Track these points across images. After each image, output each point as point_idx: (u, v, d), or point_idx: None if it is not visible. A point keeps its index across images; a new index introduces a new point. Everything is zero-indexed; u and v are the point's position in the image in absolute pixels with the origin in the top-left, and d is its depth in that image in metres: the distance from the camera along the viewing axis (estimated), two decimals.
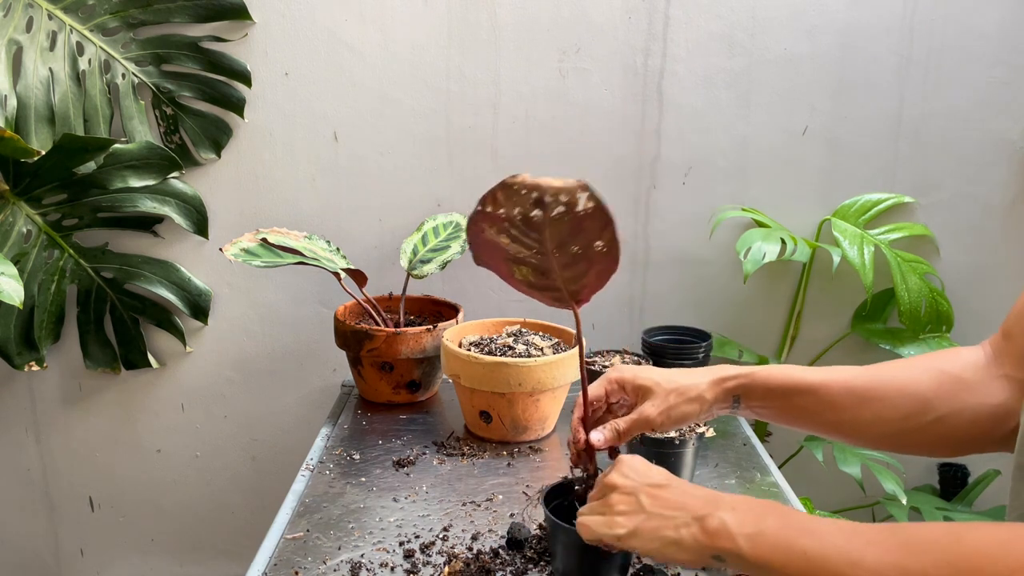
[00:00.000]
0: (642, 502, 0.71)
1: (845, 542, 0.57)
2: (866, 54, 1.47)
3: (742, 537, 0.63)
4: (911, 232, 1.50)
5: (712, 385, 0.84)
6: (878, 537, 0.56)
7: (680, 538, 0.67)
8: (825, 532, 0.59)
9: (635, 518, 0.70)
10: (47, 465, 1.73)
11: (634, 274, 1.59)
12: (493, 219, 0.69)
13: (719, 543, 0.64)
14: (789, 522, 0.62)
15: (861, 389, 0.79)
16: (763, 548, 0.61)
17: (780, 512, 0.64)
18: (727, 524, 0.64)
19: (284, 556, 0.94)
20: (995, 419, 0.75)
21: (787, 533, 0.61)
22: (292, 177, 1.55)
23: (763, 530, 0.62)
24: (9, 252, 1.48)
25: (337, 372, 1.65)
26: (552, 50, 1.48)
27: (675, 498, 0.70)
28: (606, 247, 0.72)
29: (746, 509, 0.65)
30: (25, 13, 1.42)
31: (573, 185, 0.68)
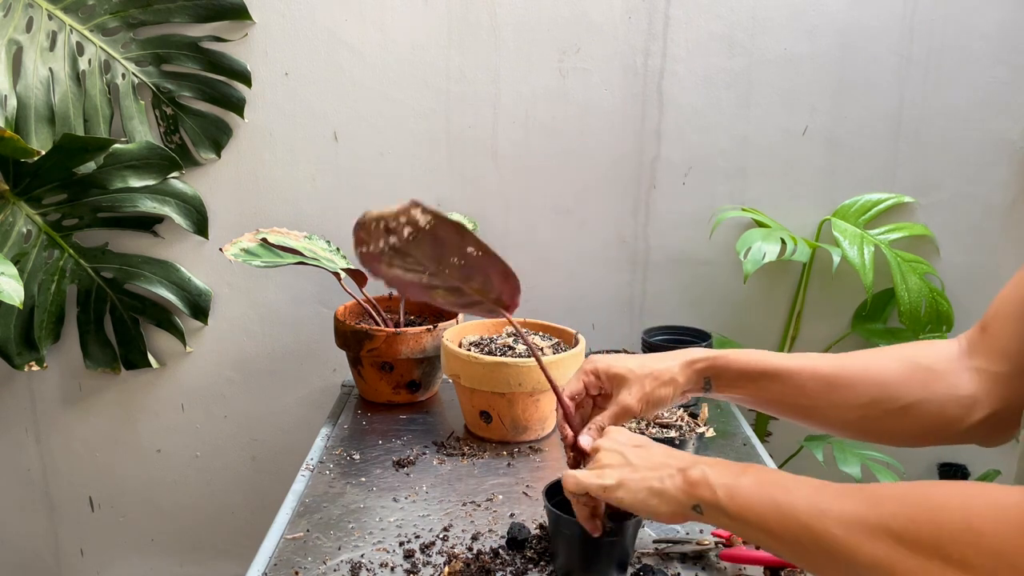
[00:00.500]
0: (628, 456, 0.75)
1: (814, 494, 0.60)
2: (866, 54, 1.47)
3: (720, 487, 0.66)
4: (911, 232, 1.50)
5: (683, 367, 0.87)
6: (845, 491, 0.59)
7: (664, 488, 0.70)
8: (796, 486, 0.62)
9: (622, 470, 0.74)
10: (47, 465, 1.73)
11: (634, 274, 1.59)
12: (374, 257, 0.74)
13: (699, 492, 0.68)
14: (764, 478, 0.65)
15: (829, 375, 0.82)
16: (739, 499, 0.65)
17: (756, 469, 0.67)
18: (707, 475, 0.68)
19: (284, 556, 0.94)
20: (962, 409, 0.77)
21: (762, 487, 0.64)
22: (292, 177, 1.55)
23: (740, 483, 0.66)
24: (9, 252, 1.48)
25: (337, 372, 1.65)
26: (552, 50, 1.48)
27: (659, 453, 0.74)
28: (479, 250, 0.75)
29: (726, 465, 0.69)
30: (25, 13, 1.42)
31: (406, 205, 0.72)
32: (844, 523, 0.57)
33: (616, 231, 1.57)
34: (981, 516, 0.51)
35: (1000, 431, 0.77)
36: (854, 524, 0.56)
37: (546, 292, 1.59)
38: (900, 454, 1.53)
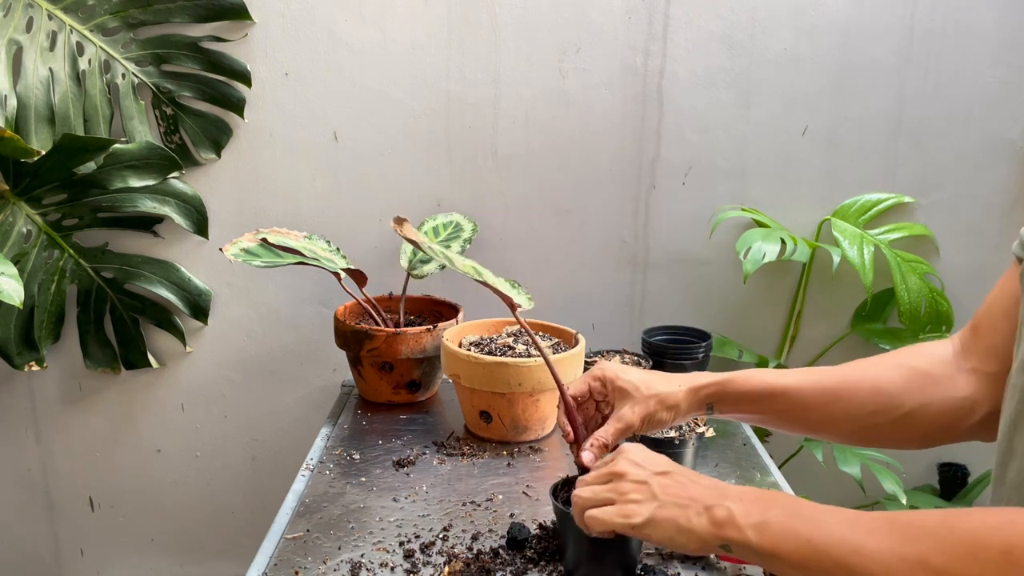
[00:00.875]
0: (654, 491, 0.73)
1: (848, 530, 0.60)
2: (866, 54, 1.47)
3: (749, 528, 0.65)
4: (911, 232, 1.50)
5: (688, 394, 0.87)
6: (877, 525, 0.59)
7: (692, 527, 0.69)
8: (828, 522, 0.62)
9: (649, 506, 0.72)
10: (47, 465, 1.73)
11: (634, 274, 1.59)
12: None
13: (726, 532, 0.66)
14: (793, 512, 0.64)
15: (831, 388, 0.82)
16: (769, 537, 0.64)
17: (784, 502, 0.66)
18: (734, 514, 0.66)
19: (284, 556, 0.94)
20: (962, 411, 0.78)
21: (791, 523, 0.63)
22: (292, 177, 1.55)
23: (768, 520, 0.64)
24: (9, 252, 1.48)
25: (337, 372, 1.65)
26: (552, 50, 1.48)
27: (684, 486, 0.72)
28: None
29: (752, 499, 0.67)
30: (25, 13, 1.42)
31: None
32: (881, 561, 0.57)
33: (616, 231, 1.57)
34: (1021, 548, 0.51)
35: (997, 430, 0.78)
36: (891, 562, 0.56)
37: (546, 292, 1.59)
38: (900, 455, 1.53)
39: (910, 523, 0.58)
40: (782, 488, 1.12)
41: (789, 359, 1.60)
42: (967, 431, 0.79)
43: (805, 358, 1.61)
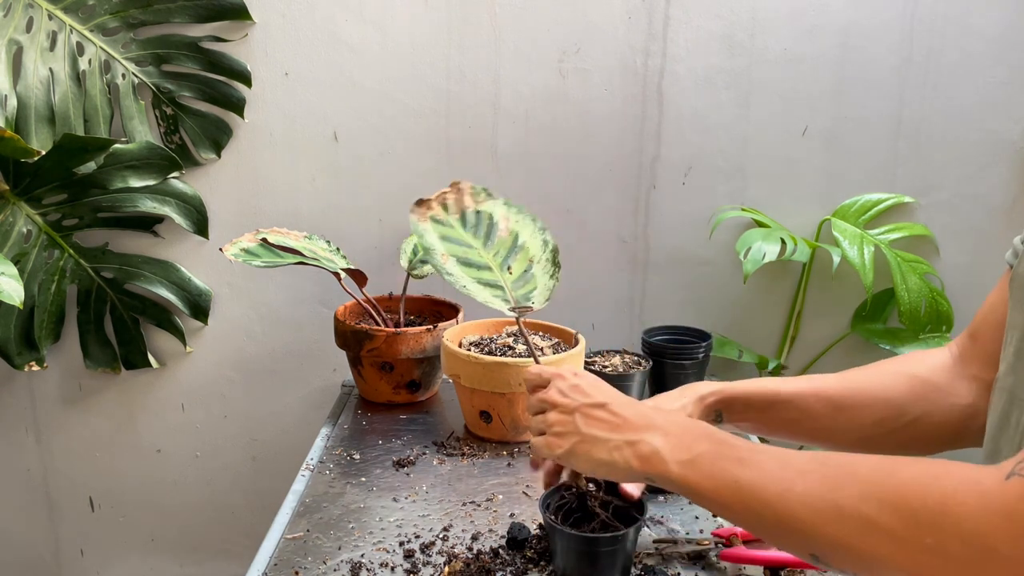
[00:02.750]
0: (577, 423, 0.72)
1: (777, 470, 0.58)
2: (866, 54, 1.47)
3: (674, 463, 0.64)
4: (911, 232, 1.50)
5: (695, 403, 0.86)
6: (809, 467, 0.57)
7: (613, 460, 0.68)
8: (757, 461, 0.60)
9: (570, 439, 0.72)
10: (47, 465, 1.73)
11: (634, 274, 1.59)
12: None
13: (650, 468, 0.66)
14: (722, 450, 0.63)
15: (837, 398, 0.82)
16: (694, 475, 0.63)
17: (714, 439, 0.65)
18: (659, 450, 0.66)
19: (284, 556, 0.94)
20: (965, 418, 0.78)
21: (719, 462, 0.62)
22: (292, 177, 1.55)
23: (695, 457, 0.63)
24: (9, 252, 1.48)
25: (337, 372, 1.65)
26: (552, 50, 1.48)
27: (609, 419, 0.71)
28: None
29: (678, 433, 0.66)
30: (25, 13, 1.42)
31: None
32: (809, 504, 0.55)
33: (616, 231, 1.57)
34: (959, 500, 0.49)
35: None
36: (820, 506, 0.54)
37: None
38: None
39: (842, 466, 0.56)
40: None
41: (789, 359, 1.60)
42: (970, 437, 0.79)
43: (805, 358, 1.61)
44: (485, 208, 0.95)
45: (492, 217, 0.94)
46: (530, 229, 0.96)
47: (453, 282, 0.88)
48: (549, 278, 0.94)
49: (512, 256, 0.93)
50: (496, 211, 0.95)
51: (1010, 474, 0.48)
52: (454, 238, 0.92)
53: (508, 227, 0.94)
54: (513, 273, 0.92)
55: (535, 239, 0.95)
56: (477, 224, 0.94)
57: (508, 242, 0.94)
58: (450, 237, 0.92)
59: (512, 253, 0.93)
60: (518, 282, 0.92)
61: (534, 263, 0.93)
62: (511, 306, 0.89)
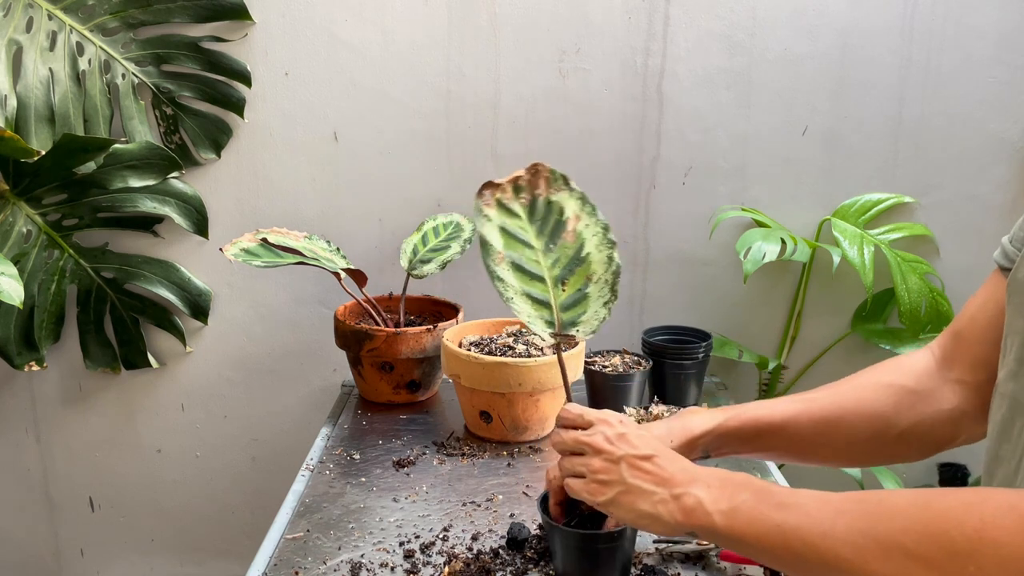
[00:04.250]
0: (623, 473, 0.72)
1: (817, 513, 0.59)
2: (866, 54, 1.47)
3: (717, 514, 0.65)
4: (911, 232, 1.50)
5: (683, 446, 0.84)
6: (847, 506, 0.58)
7: (657, 513, 0.68)
8: (796, 504, 0.61)
9: (615, 488, 0.72)
10: (47, 465, 1.73)
11: (634, 274, 1.59)
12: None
13: (694, 520, 0.66)
14: (763, 497, 0.63)
15: (825, 419, 0.81)
16: (737, 523, 0.63)
17: (754, 487, 0.65)
18: (702, 502, 0.66)
19: (284, 556, 0.94)
20: (953, 423, 0.78)
21: (760, 508, 0.63)
22: (292, 177, 1.55)
23: (737, 506, 0.64)
24: (9, 252, 1.48)
25: (337, 372, 1.65)
26: (552, 50, 1.48)
27: (654, 472, 0.71)
28: None
29: (720, 484, 0.67)
30: (25, 13, 1.42)
31: None
32: (851, 543, 0.56)
33: (616, 231, 1.56)
34: (996, 525, 0.50)
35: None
36: (862, 543, 0.55)
37: None
38: None
39: (881, 503, 0.57)
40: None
41: (789, 359, 1.60)
42: (959, 440, 0.79)
43: (805, 358, 1.61)
44: (558, 199, 0.84)
45: (563, 213, 0.84)
46: (598, 239, 0.84)
47: (503, 291, 0.79)
48: (603, 305, 0.82)
49: (571, 269, 0.82)
50: (568, 206, 0.84)
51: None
52: (516, 232, 0.82)
53: (575, 229, 0.84)
54: (566, 290, 0.82)
55: (600, 253, 0.84)
56: (545, 217, 0.83)
57: (572, 249, 0.83)
58: (512, 231, 0.82)
59: (572, 264, 0.82)
60: (568, 301, 0.82)
61: (591, 282, 0.82)
62: (554, 331, 0.81)
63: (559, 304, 0.82)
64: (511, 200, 0.84)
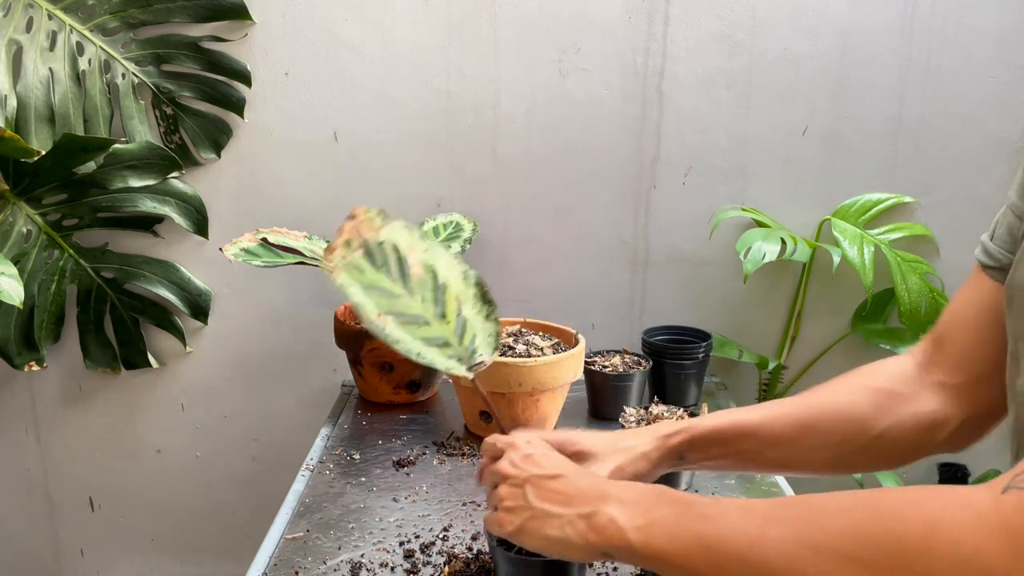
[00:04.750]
0: (528, 497, 0.66)
1: (743, 521, 0.54)
2: (866, 54, 1.47)
3: (632, 531, 0.59)
4: (911, 232, 1.50)
5: (656, 443, 0.82)
6: (778, 512, 0.53)
7: (566, 537, 0.63)
8: (720, 514, 0.55)
9: (521, 515, 0.66)
10: (47, 465, 1.73)
11: (634, 274, 1.59)
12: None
13: (608, 540, 0.60)
14: (682, 509, 0.58)
15: (799, 420, 0.79)
16: (655, 540, 0.57)
17: (673, 499, 0.60)
18: (615, 519, 0.60)
19: (284, 556, 0.94)
20: (933, 426, 0.76)
21: (680, 521, 0.57)
22: (292, 177, 1.55)
23: (654, 520, 0.58)
24: (9, 252, 1.48)
25: (337, 372, 1.65)
26: (552, 50, 1.48)
27: (562, 491, 0.65)
28: None
29: (634, 500, 0.61)
30: (25, 13, 1.42)
31: None
32: (783, 551, 0.50)
33: (616, 231, 1.57)
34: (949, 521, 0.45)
35: (969, 438, 0.77)
36: (795, 550, 0.50)
37: (546, 292, 1.59)
38: None
39: (817, 506, 0.51)
40: (782, 488, 1.11)
41: (789, 359, 1.60)
42: (939, 445, 0.77)
43: (805, 358, 1.61)
44: (386, 237, 0.79)
45: (398, 249, 0.79)
46: (444, 259, 0.80)
47: (407, 351, 0.75)
48: (486, 319, 0.79)
49: (439, 299, 0.79)
50: (399, 239, 0.79)
51: (1007, 487, 0.45)
52: (375, 286, 0.77)
53: (420, 260, 0.79)
54: (450, 320, 0.78)
55: (453, 270, 0.80)
56: (387, 260, 0.79)
57: (428, 280, 0.79)
58: (371, 285, 0.77)
59: (437, 294, 0.79)
60: (457, 330, 0.78)
61: (463, 303, 0.79)
62: (468, 367, 0.78)
63: (454, 337, 0.79)
64: (351, 256, 0.78)
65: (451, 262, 0.81)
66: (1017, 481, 0.45)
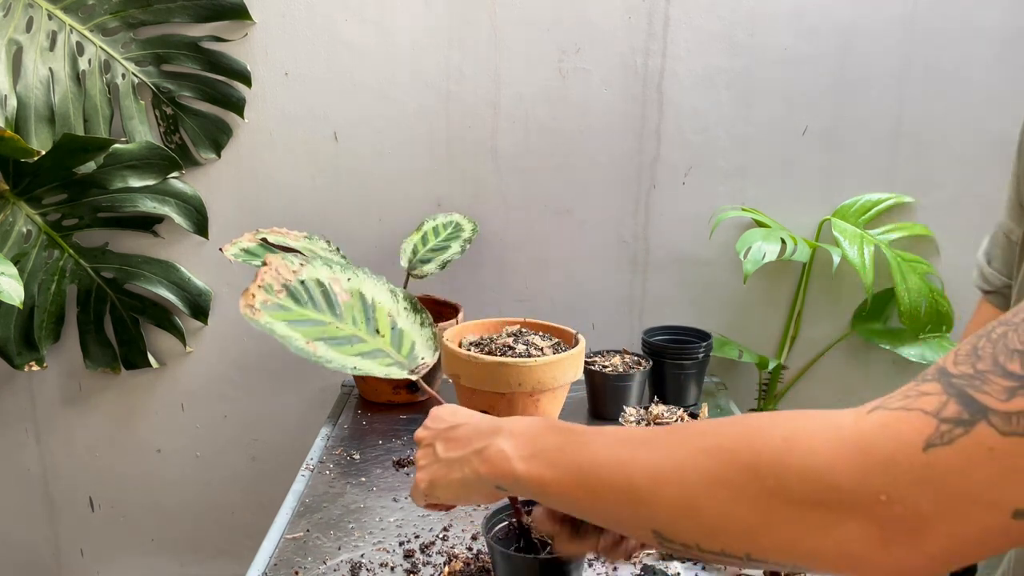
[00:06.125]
0: (436, 450, 0.68)
1: (617, 446, 0.53)
2: (866, 54, 1.47)
3: (518, 460, 0.59)
4: (911, 232, 1.50)
5: None
6: (654, 435, 0.52)
7: (465, 476, 0.63)
8: (598, 442, 0.54)
9: (430, 470, 0.67)
10: (47, 465, 1.73)
11: (634, 274, 1.59)
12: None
13: (497, 471, 0.60)
14: (569, 438, 0.57)
15: None
16: (536, 468, 0.57)
17: (562, 430, 0.59)
18: (504, 450, 0.60)
19: (284, 556, 0.94)
20: None
21: (564, 449, 0.56)
22: (292, 177, 1.55)
23: (540, 450, 0.58)
24: (9, 252, 1.48)
25: (337, 372, 1.65)
26: (552, 50, 1.48)
27: (463, 436, 0.65)
28: None
29: (523, 431, 0.61)
30: (25, 13, 1.42)
31: None
32: (647, 470, 0.49)
33: (616, 231, 1.57)
34: (808, 434, 0.43)
35: None
36: (660, 469, 0.48)
37: (546, 292, 1.59)
38: None
39: (688, 427, 0.50)
40: None
41: (789, 359, 1.60)
42: None
43: (805, 358, 1.61)
44: (307, 276, 0.84)
45: (321, 283, 0.84)
46: (371, 282, 0.87)
47: (340, 367, 0.79)
48: (421, 326, 0.85)
49: (370, 318, 0.84)
50: (320, 274, 0.84)
51: (874, 408, 0.43)
52: (302, 319, 0.81)
53: (345, 288, 0.85)
54: (384, 334, 0.84)
55: (380, 291, 0.86)
56: (311, 297, 0.83)
57: (356, 304, 0.85)
58: (297, 320, 0.81)
59: (368, 314, 0.84)
60: (394, 342, 0.84)
61: (395, 318, 0.85)
62: (410, 370, 0.82)
63: (392, 347, 0.83)
64: (273, 298, 0.81)
65: (377, 284, 0.87)
66: (886, 402, 0.43)
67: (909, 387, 0.43)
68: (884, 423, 0.41)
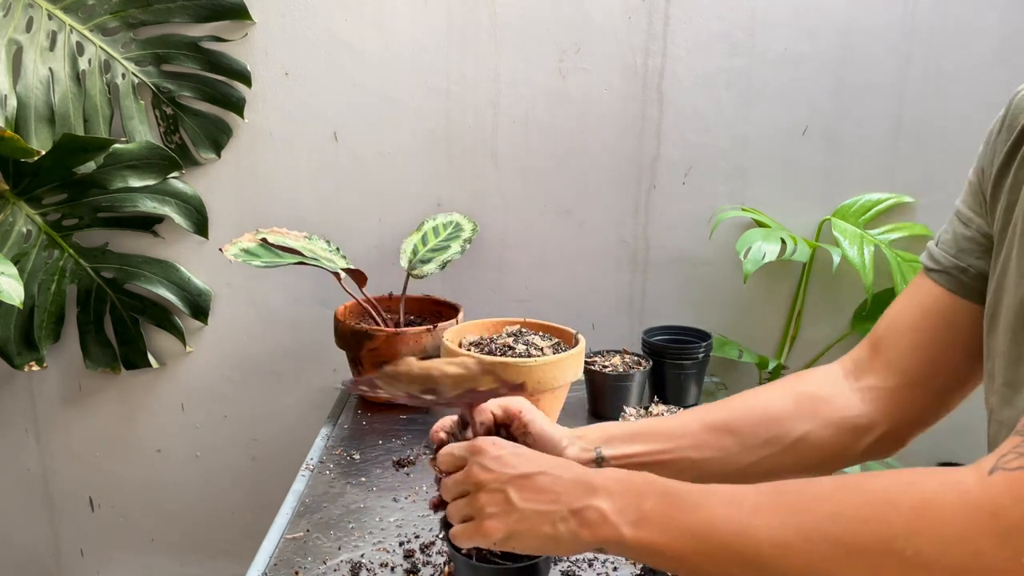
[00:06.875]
0: (511, 499, 0.63)
1: (729, 510, 0.54)
2: (866, 54, 1.47)
3: (624, 525, 0.58)
4: (911, 232, 1.50)
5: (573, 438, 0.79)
6: (766, 499, 0.53)
7: (558, 534, 0.61)
8: (708, 504, 0.55)
9: (507, 519, 0.63)
10: (47, 465, 1.73)
11: (634, 274, 1.59)
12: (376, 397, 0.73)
13: (600, 535, 0.59)
14: (672, 500, 0.57)
15: (721, 423, 0.77)
16: (647, 533, 0.57)
17: (661, 489, 0.59)
18: (606, 515, 0.59)
19: (284, 556, 0.94)
20: (857, 431, 0.76)
21: (671, 513, 0.57)
22: (292, 177, 1.55)
23: (646, 513, 0.57)
24: (9, 252, 1.48)
25: (337, 372, 1.65)
26: (552, 50, 1.48)
27: (547, 489, 0.63)
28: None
29: (622, 492, 0.60)
30: (25, 13, 1.42)
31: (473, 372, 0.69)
32: (771, 538, 0.50)
33: (616, 231, 1.57)
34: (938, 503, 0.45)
35: (893, 446, 0.78)
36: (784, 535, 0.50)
37: (546, 292, 1.59)
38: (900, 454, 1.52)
39: (803, 491, 0.51)
40: None
41: (789, 359, 1.60)
42: (863, 452, 0.77)
43: (805, 358, 1.61)
44: None
45: None
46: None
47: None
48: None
49: None
50: None
51: (992, 469, 0.45)
52: None
53: None
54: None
55: None
56: None
57: None
58: None
59: None
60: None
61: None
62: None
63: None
64: None
65: None
66: (1003, 462, 0.45)
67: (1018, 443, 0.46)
68: (1010, 485, 0.44)
